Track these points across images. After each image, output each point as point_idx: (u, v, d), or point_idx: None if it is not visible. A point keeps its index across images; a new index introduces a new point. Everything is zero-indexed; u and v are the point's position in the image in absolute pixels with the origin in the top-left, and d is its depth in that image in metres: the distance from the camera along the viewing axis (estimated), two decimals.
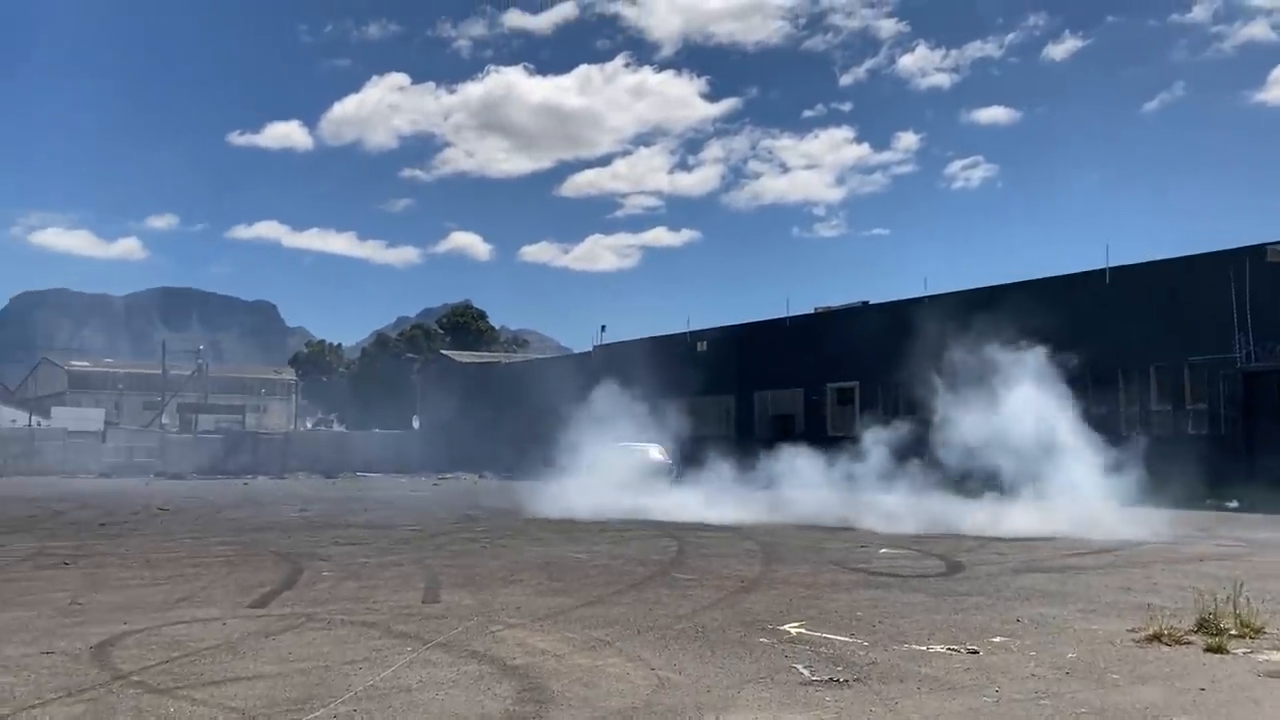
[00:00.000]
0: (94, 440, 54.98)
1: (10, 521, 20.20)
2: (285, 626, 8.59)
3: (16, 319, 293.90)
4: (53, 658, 7.17)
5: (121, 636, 7.97)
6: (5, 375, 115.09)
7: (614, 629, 8.46)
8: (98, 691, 6.19)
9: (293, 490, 37.00)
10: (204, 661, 7.14)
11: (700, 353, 45.20)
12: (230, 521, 20.86)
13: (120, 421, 71.07)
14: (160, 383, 77.25)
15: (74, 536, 17.12)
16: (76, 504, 26.11)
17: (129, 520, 20.84)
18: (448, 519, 21.32)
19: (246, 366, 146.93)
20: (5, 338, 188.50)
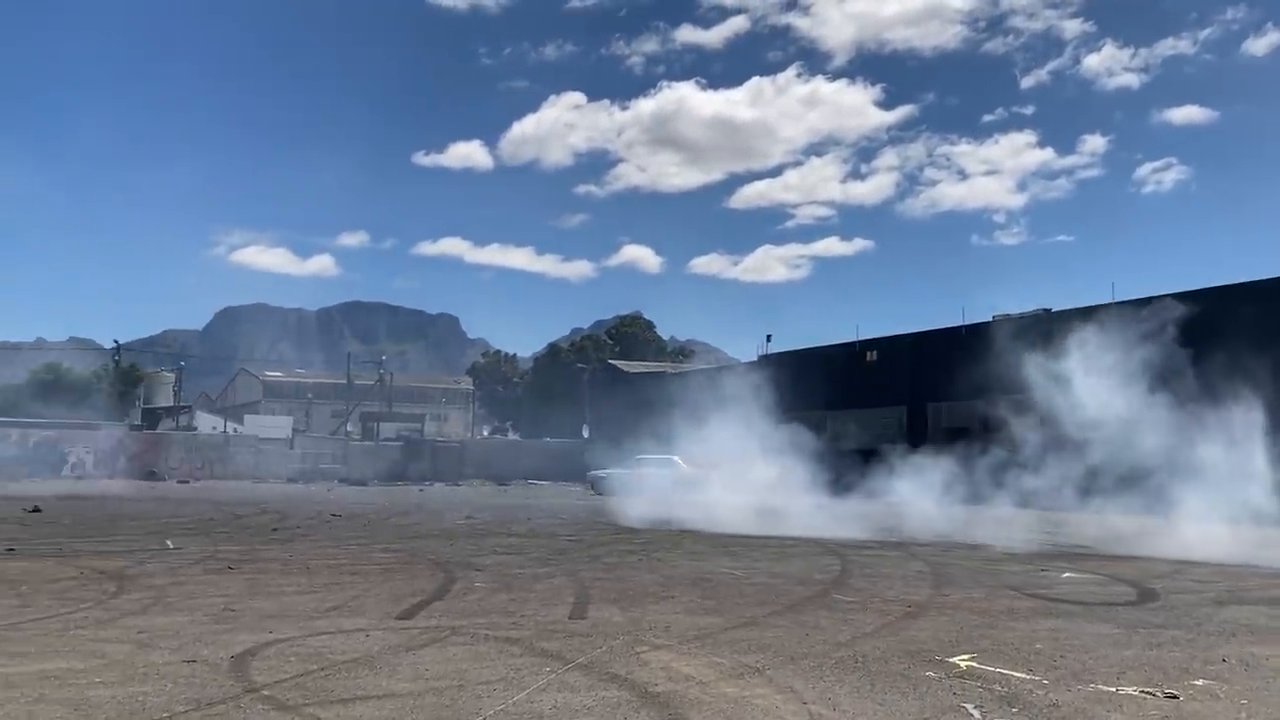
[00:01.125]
0: (282, 446, 57.65)
1: (194, 524, 21.07)
2: (428, 640, 8.37)
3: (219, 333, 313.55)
4: (193, 666, 7.11)
5: (264, 646, 7.89)
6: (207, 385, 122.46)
7: (766, 655, 7.89)
8: (225, 706, 6.04)
9: (464, 497, 37.74)
10: (338, 676, 6.94)
11: (870, 363, 43.92)
12: (397, 528, 21.21)
13: (309, 429, 74.38)
14: (346, 392, 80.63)
15: (246, 541, 17.63)
16: (257, 509, 27.16)
17: (301, 525, 21.43)
18: (609, 529, 21.09)
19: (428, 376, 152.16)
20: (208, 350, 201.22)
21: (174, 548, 15.89)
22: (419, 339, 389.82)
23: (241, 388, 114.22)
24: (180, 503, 29.71)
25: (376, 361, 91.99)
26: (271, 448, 56.75)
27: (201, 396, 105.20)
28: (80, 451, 51.57)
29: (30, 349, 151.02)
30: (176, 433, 58.75)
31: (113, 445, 52.79)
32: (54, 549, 15.28)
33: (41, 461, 49.90)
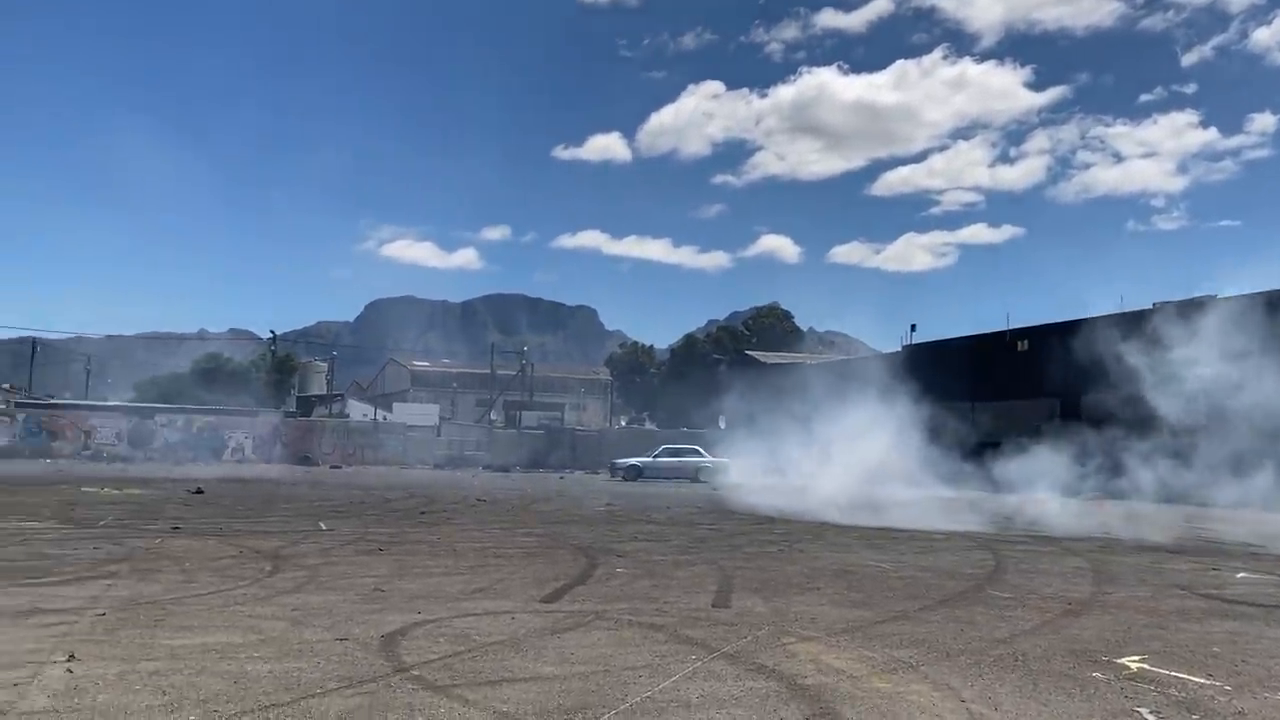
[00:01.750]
0: (429, 434, 59.15)
1: (346, 507, 21.71)
2: (572, 624, 8.34)
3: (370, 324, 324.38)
4: (345, 645, 7.23)
5: (413, 626, 7.98)
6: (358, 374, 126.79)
7: (919, 650, 7.59)
8: (376, 685, 6.10)
9: (603, 485, 37.99)
10: (485, 658, 6.96)
11: (1021, 352, 42.40)
12: (539, 513, 21.44)
13: (454, 417, 76.19)
14: (489, 382, 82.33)
15: (395, 524, 18.05)
16: (405, 493, 27.87)
17: (447, 510, 21.86)
18: (747, 519, 20.86)
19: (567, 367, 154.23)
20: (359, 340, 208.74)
21: (326, 529, 16.38)
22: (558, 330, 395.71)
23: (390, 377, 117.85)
24: (332, 487, 30.74)
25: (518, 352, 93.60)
26: (419, 435, 58.29)
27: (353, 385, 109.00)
28: (240, 437, 53.97)
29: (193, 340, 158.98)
30: (329, 420, 60.86)
31: (269, 431, 55.09)
32: (215, 529, 15.93)
33: (204, 446, 52.42)
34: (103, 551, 12.41)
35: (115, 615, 8.10)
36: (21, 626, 7.55)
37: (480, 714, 5.53)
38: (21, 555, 11.82)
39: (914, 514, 20.95)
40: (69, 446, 50.20)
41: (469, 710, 5.59)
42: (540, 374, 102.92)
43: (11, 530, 14.59)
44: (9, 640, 7.02)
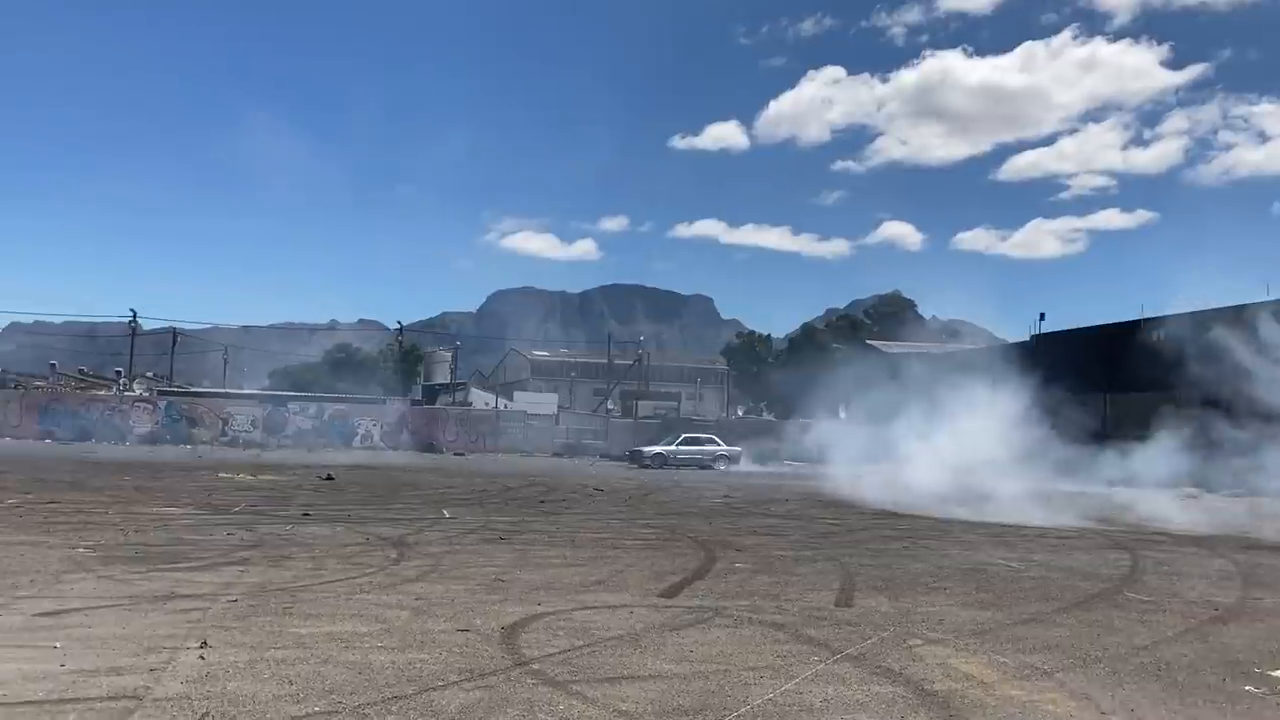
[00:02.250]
0: (549, 422, 59.80)
1: (468, 495, 22.05)
2: (692, 620, 8.25)
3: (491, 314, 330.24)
4: (466, 636, 7.28)
5: (533, 619, 8.00)
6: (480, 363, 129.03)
7: (1053, 655, 7.27)
8: (496, 679, 6.10)
9: (721, 476, 37.82)
10: (605, 653, 6.91)
11: (1157, 343, 40.59)
12: (656, 504, 21.41)
13: (572, 406, 76.93)
14: (606, 371, 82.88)
15: (516, 512, 18.25)
16: (525, 481, 28.19)
17: (566, 499, 22.02)
18: (868, 513, 20.46)
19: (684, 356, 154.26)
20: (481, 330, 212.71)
21: (450, 517, 16.65)
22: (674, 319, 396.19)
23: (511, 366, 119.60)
24: (455, 474, 31.31)
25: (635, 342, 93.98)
26: (538, 423, 58.99)
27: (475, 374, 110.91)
28: (368, 424, 55.45)
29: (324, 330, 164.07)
30: (453, 408, 62.03)
31: (396, 419, 56.45)
32: (343, 515, 16.34)
33: (335, 433, 54.04)
34: (237, 538, 12.83)
35: (247, 602, 8.32)
36: (160, 611, 7.81)
37: (599, 712, 5.48)
38: (162, 540, 12.29)
39: (1039, 509, 20.23)
40: (207, 433, 52.30)
41: (588, 708, 5.54)
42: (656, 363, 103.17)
43: (153, 516, 15.21)
44: (149, 625, 7.27)
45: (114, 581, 9.14)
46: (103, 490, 19.50)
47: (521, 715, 5.37)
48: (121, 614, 7.67)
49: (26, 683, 5.58)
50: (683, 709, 5.60)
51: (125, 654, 6.35)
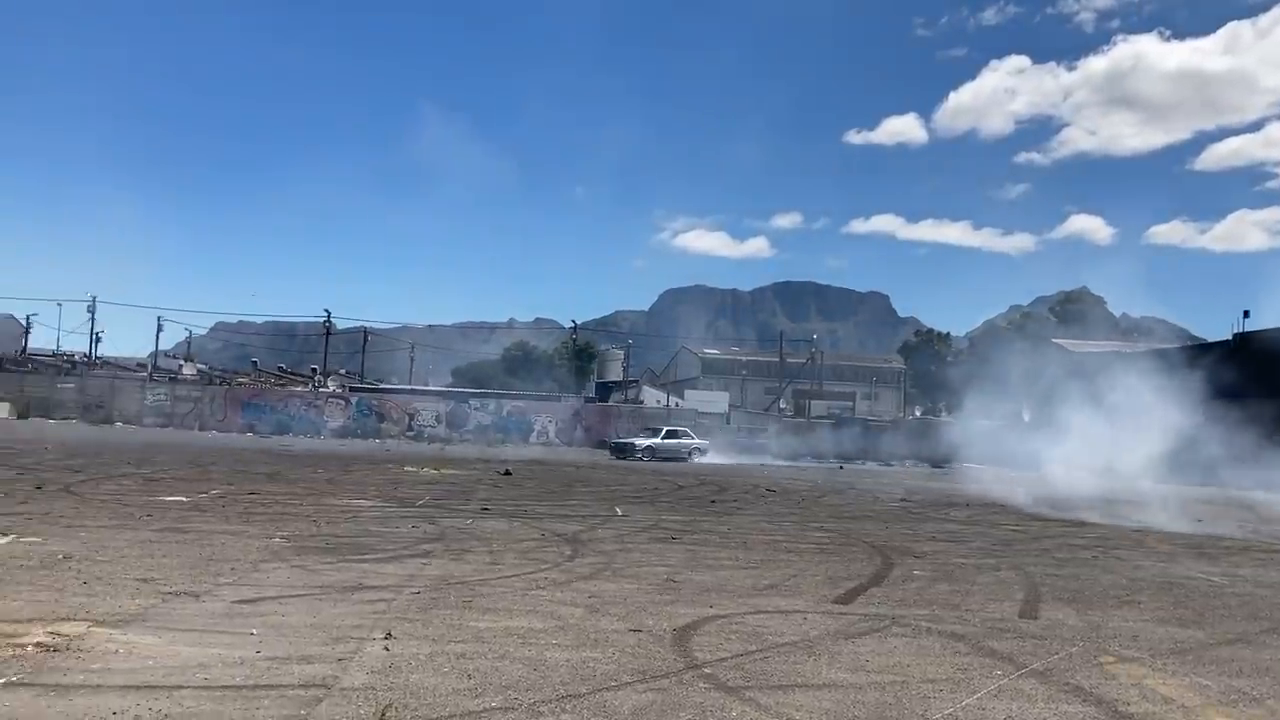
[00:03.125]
0: (719, 421, 59.77)
1: (640, 493, 22.23)
2: (867, 628, 8.05)
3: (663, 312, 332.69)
4: (638, 636, 7.30)
5: (705, 621, 7.96)
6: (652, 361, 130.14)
7: (1263, 680, 6.76)
8: (669, 681, 6.09)
9: (896, 478, 36.99)
10: (777, 659, 6.81)
11: None
12: (830, 507, 21.07)
13: (743, 405, 76.68)
14: (778, 370, 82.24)
15: (687, 511, 18.28)
16: (696, 480, 28.22)
17: (738, 499, 21.91)
18: (1052, 519, 19.57)
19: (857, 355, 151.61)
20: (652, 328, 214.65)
21: (622, 515, 16.80)
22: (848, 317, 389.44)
23: (682, 364, 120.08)
24: (627, 471, 31.64)
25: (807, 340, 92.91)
26: (709, 421, 59.00)
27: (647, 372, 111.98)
28: (544, 420, 56.76)
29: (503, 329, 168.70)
30: (625, 405, 62.77)
31: (571, 415, 57.58)
32: (520, 511, 16.71)
33: (513, 429, 55.55)
34: (420, 530, 13.28)
35: (429, 594, 8.59)
36: (348, 602, 8.14)
37: None
38: (350, 532, 12.83)
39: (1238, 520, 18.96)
40: (395, 428, 54.57)
41: (761, 715, 5.47)
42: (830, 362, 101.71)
43: (343, 507, 15.92)
44: (338, 615, 7.58)
45: (306, 571, 9.59)
46: (297, 482, 20.54)
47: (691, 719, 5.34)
48: (312, 603, 8.03)
49: (226, 668, 5.90)
50: None
51: (315, 643, 6.64)
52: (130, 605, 7.56)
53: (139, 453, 28.15)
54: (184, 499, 15.75)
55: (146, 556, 9.91)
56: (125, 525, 12.26)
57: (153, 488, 17.53)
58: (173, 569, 9.27)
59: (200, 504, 15.23)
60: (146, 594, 8.03)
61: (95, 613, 7.21)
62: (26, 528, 11.42)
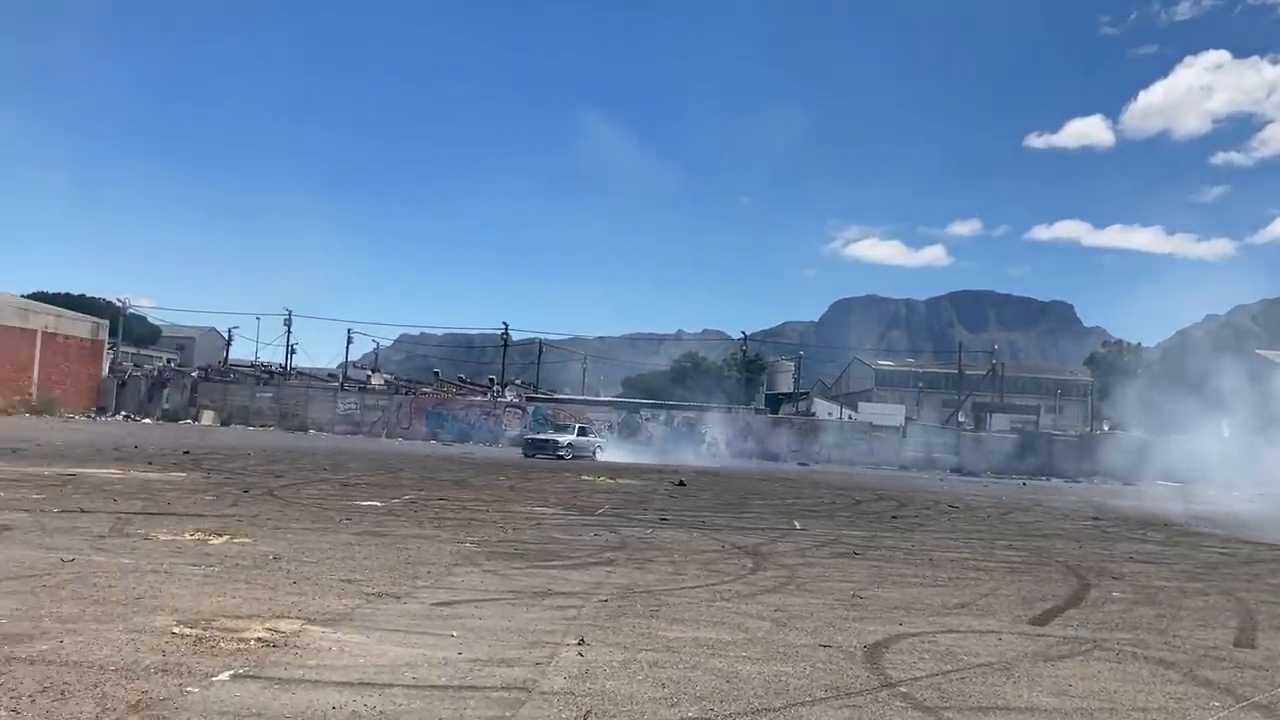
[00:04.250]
0: (894, 435, 58.56)
1: (816, 507, 21.99)
2: (1067, 652, 7.73)
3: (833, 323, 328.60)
4: (828, 652, 7.21)
5: (895, 639, 7.80)
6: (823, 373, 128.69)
7: None
8: (863, 699, 5.99)
9: (1085, 496, 35.40)
10: (974, 680, 6.61)
11: None
12: (1017, 524, 20.33)
13: (920, 418, 74.90)
14: (956, 382, 79.97)
15: (867, 526, 17.96)
16: (873, 495, 27.72)
17: (919, 515, 21.39)
18: (1264, 543, 18.33)
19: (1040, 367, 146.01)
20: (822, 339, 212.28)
21: (800, 529, 16.64)
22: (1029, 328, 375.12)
23: (854, 376, 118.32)
24: (801, 484, 31.32)
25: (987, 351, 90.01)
26: (884, 435, 57.95)
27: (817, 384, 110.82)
28: (715, 432, 56.83)
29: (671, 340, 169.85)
30: (796, 418, 62.27)
31: (741, 427, 57.49)
32: (698, 521, 16.78)
33: (683, 440, 55.83)
34: (602, 539, 13.50)
35: (616, 602, 8.71)
36: (540, 607, 8.34)
37: None
38: (536, 539, 13.15)
39: None
40: None
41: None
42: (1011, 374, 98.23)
43: (527, 514, 16.33)
44: (531, 620, 7.78)
45: (497, 576, 9.87)
46: (482, 489, 21.19)
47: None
48: (505, 607, 8.26)
49: (431, 668, 6.13)
50: None
51: (512, 646, 6.83)
52: (337, 605, 7.95)
53: (332, 459, 29.61)
54: (378, 504, 16.47)
55: (348, 559, 10.40)
56: (326, 528, 12.91)
57: (349, 493, 18.39)
58: (373, 571, 9.70)
59: (393, 509, 15.90)
60: (351, 594, 8.43)
61: (307, 611, 7.61)
62: (238, 529, 12.16)
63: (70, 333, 59.50)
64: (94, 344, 61.57)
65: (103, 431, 40.49)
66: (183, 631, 6.68)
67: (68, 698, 5.08)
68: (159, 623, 6.91)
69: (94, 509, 13.42)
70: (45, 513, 12.69)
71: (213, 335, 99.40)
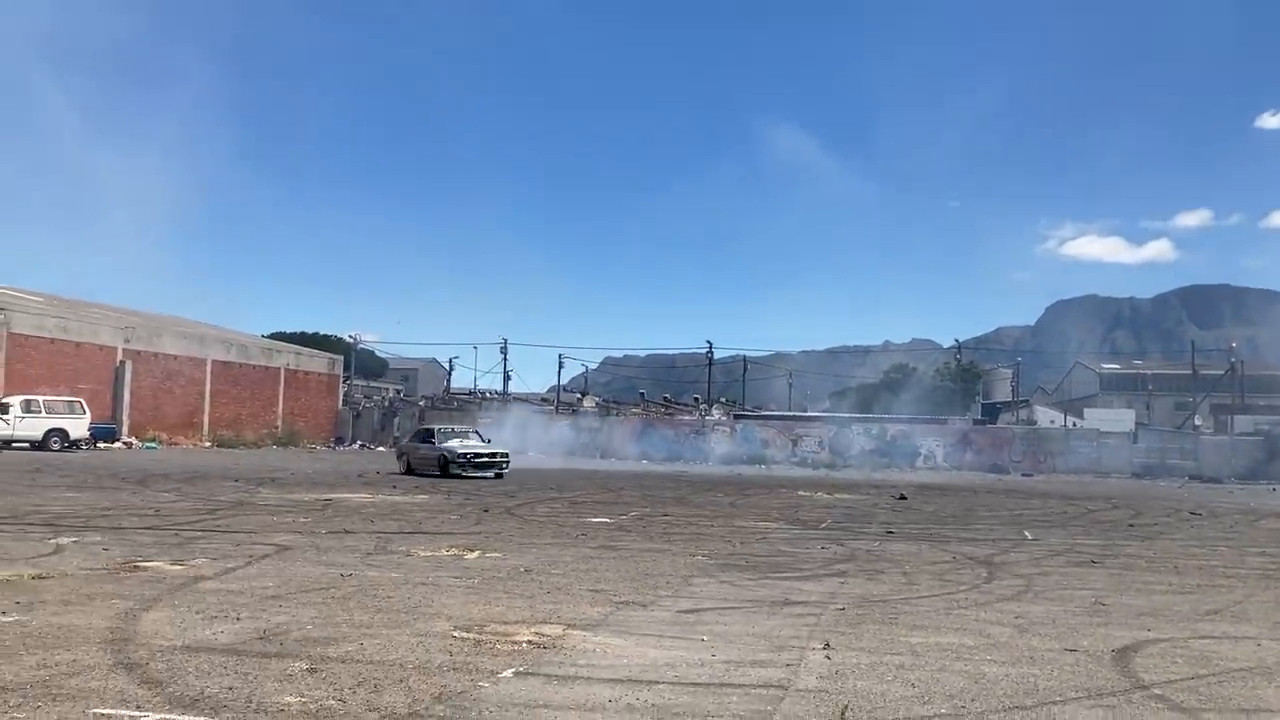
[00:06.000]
0: (1124, 440, 55.68)
1: (1046, 517, 21.36)
2: None
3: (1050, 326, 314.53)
4: (1074, 655, 7.23)
5: (1144, 644, 7.72)
6: (1040, 379, 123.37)
7: None
8: (1116, 699, 6.03)
9: None
10: (1233, 684, 6.51)
11: None
12: (1269, 531, 19.19)
13: (1150, 422, 70.92)
14: (1190, 383, 75.30)
15: (1102, 535, 17.39)
16: (1106, 503, 26.62)
17: (1158, 523, 20.48)
18: None
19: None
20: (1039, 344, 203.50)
21: (1031, 539, 16.30)
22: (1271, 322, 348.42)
23: (1077, 381, 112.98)
24: (1028, 495, 30.36)
25: (1224, 349, 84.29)
26: (1113, 441, 55.15)
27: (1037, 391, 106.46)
28: (931, 444, 55.60)
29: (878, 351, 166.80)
30: (1016, 426, 60.12)
31: (959, 438, 55.98)
32: (924, 533, 16.70)
33: (898, 453, 54.88)
34: (829, 551, 13.70)
35: (853, 610, 8.94)
36: (780, 615, 8.67)
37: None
38: (764, 552, 13.49)
39: None
40: (779, 453, 55.69)
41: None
42: (1253, 372, 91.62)
43: (751, 529, 16.69)
44: (773, 626, 8.12)
45: (733, 586, 10.27)
46: (703, 506, 21.69)
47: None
48: (747, 615, 8.63)
49: (689, 667, 6.56)
50: None
51: (760, 649, 7.19)
52: (591, 612, 8.51)
53: (556, 479, 30.85)
54: (608, 520, 17.19)
55: (591, 570, 11.03)
56: (566, 543, 13.65)
57: (578, 510, 19.24)
58: (617, 581, 10.28)
59: (623, 524, 16.58)
60: (601, 603, 8.99)
61: (565, 617, 8.20)
62: (488, 545, 13.05)
63: (309, 368, 64.02)
64: (330, 378, 66.00)
65: (344, 459, 43.43)
66: (461, 635, 7.37)
67: (380, 691, 5.77)
68: (439, 628, 7.63)
69: (356, 529, 14.65)
70: (315, 534, 13.95)
71: (434, 366, 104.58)
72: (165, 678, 5.91)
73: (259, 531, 13.97)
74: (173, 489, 21.55)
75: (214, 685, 5.77)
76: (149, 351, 51.21)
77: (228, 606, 8.23)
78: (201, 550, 11.81)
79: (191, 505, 17.92)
